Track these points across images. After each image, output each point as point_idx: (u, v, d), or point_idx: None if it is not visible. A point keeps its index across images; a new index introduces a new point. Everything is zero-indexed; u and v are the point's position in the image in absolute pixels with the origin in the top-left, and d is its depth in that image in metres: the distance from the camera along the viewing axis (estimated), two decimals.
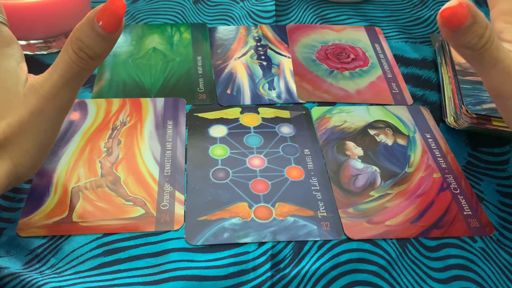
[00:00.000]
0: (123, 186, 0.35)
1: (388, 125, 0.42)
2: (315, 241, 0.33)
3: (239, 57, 0.49)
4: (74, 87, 0.29)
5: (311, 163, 0.38)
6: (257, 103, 0.44)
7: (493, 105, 0.39)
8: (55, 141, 0.31)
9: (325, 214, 0.34)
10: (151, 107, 0.42)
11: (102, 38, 0.28)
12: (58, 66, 0.28)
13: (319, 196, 0.36)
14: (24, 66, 0.30)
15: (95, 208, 0.34)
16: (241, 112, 0.43)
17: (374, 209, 0.35)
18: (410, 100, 0.45)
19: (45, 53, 0.47)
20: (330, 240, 0.33)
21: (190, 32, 0.52)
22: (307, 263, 0.31)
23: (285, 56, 0.49)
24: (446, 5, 0.28)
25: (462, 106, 0.39)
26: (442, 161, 0.39)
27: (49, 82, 0.28)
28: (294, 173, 0.37)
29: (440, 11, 0.28)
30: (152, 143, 0.39)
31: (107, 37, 0.28)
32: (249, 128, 0.41)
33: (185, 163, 0.38)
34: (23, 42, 0.46)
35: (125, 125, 0.40)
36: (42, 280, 0.29)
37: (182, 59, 0.48)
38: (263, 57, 0.49)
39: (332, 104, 0.44)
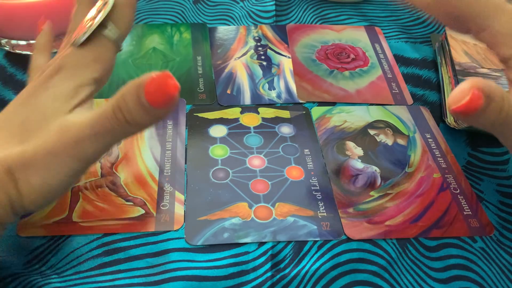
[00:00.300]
0: (123, 186, 0.35)
1: (388, 125, 0.42)
2: (315, 241, 0.33)
3: (239, 57, 0.49)
4: (102, 143, 0.26)
5: (311, 163, 0.38)
6: (257, 103, 0.44)
7: None
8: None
9: (325, 214, 0.34)
10: None
11: (144, 109, 0.24)
12: (92, 115, 0.26)
13: (319, 196, 0.36)
14: (77, 96, 0.28)
15: (95, 208, 0.34)
16: (241, 112, 0.43)
17: (374, 209, 0.35)
18: (410, 100, 0.45)
19: None
20: (330, 240, 0.33)
21: (190, 32, 0.52)
22: (307, 263, 0.31)
23: (285, 56, 0.49)
24: (457, 96, 0.25)
25: None
26: (442, 161, 0.39)
27: (76, 129, 0.26)
28: (294, 173, 0.37)
29: (452, 105, 0.25)
30: (152, 143, 0.39)
31: (150, 110, 0.24)
32: (249, 128, 0.41)
33: (185, 163, 0.38)
34: (23, 42, 0.46)
35: None
36: (42, 280, 0.29)
37: (182, 59, 0.48)
38: (263, 57, 0.49)
39: (332, 104, 0.44)
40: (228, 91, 0.45)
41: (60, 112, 0.27)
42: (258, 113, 0.43)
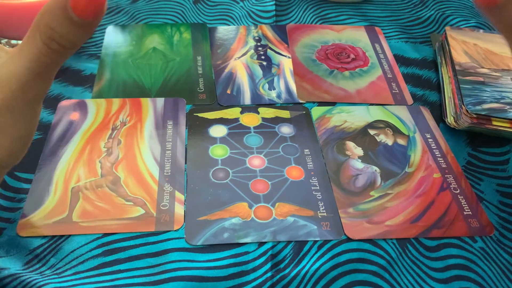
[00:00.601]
0: (123, 186, 0.35)
1: (388, 125, 0.42)
2: (315, 241, 0.33)
3: (239, 57, 0.49)
4: (46, 78, 0.25)
5: (311, 163, 0.38)
6: (257, 103, 0.44)
7: (493, 105, 0.39)
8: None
9: (325, 214, 0.34)
10: (151, 107, 0.42)
11: (78, 26, 0.23)
12: (25, 57, 0.24)
13: (319, 196, 0.36)
14: None
15: (95, 208, 0.34)
16: (241, 112, 0.43)
17: (374, 209, 0.35)
18: (410, 100, 0.45)
19: None
20: (330, 240, 0.33)
21: (190, 32, 0.52)
22: (307, 263, 0.31)
23: (285, 56, 0.49)
24: None
25: (462, 106, 0.39)
26: (442, 161, 0.39)
27: (16, 78, 0.24)
28: (294, 173, 0.37)
29: None
30: (152, 143, 0.39)
31: (85, 25, 0.23)
32: (249, 128, 0.41)
33: (185, 163, 0.38)
34: None
35: (125, 125, 0.40)
36: (42, 280, 0.29)
37: (182, 59, 0.48)
38: (263, 57, 0.49)
39: (332, 104, 0.44)
40: (228, 91, 0.45)
41: None
42: (258, 113, 0.43)
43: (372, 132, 0.41)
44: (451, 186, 0.37)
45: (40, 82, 0.25)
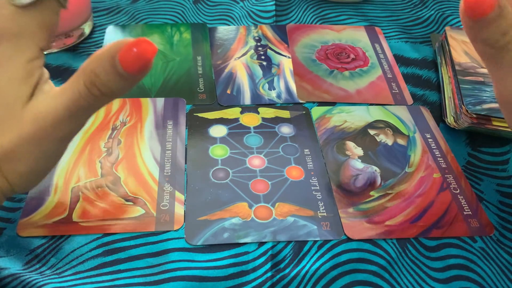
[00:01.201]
0: (123, 186, 0.35)
1: (388, 125, 0.42)
2: (315, 241, 0.33)
3: (239, 57, 0.49)
4: (80, 121, 0.26)
5: (311, 163, 0.38)
6: (257, 103, 0.44)
7: (493, 105, 0.39)
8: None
9: (325, 214, 0.34)
10: (151, 107, 0.42)
11: (121, 77, 0.24)
12: (66, 96, 0.25)
13: (319, 196, 0.36)
14: (32, 74, 0.26)
15: (95, 208, 0.34)
16: (241, 112, 0.43)
17: (374, 209, 0.35)
18: (410, 100, 0.45)
19: (45, 53, 0.47)
20: (330, 240, 0.33)
21: (190, 32, 0.52)
22: (307, 263, 0.31)
23: (285, 56, 0.49)
24: None
25: (462, 106, 0.39)
26: (442, 161, 0.39)
27: (53, 113, 0.25)
28: (294, 173, 0.37)
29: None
30: (152, 143, 0.39)
31: (128, 77, 0.24)
32: (249, 128, 0.41)
33: (185, 163, 0.38)
34: None
35: (125, 125, 0.40)
36: (42, 280, 0.29)
37: (182, 59, 0.48)
38: (263, 57, 0.49)
39: (332, 104, 0.44)
40: (228, 91, 0.45)
41: (22, 97, 0.25)
42: (258, 113, 0.43)
43: (372, 132, 0.41)
44: (451, 186, 0.37)
45: (73, 123, 0.26)
